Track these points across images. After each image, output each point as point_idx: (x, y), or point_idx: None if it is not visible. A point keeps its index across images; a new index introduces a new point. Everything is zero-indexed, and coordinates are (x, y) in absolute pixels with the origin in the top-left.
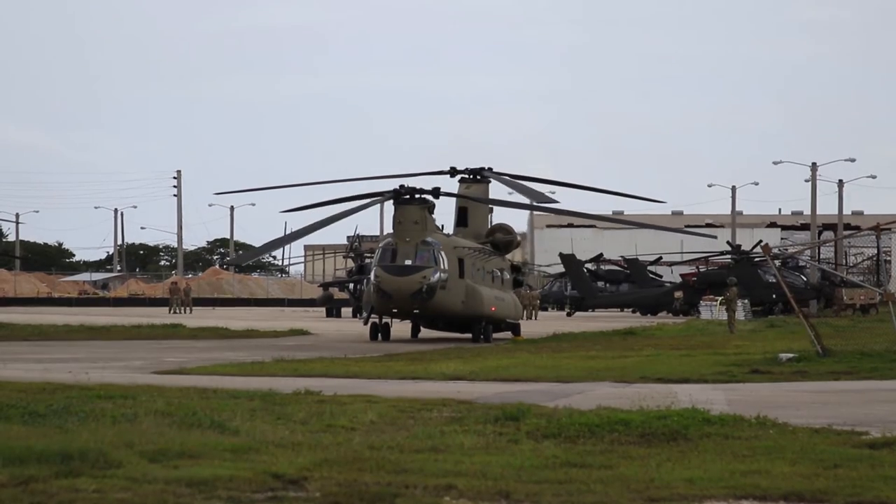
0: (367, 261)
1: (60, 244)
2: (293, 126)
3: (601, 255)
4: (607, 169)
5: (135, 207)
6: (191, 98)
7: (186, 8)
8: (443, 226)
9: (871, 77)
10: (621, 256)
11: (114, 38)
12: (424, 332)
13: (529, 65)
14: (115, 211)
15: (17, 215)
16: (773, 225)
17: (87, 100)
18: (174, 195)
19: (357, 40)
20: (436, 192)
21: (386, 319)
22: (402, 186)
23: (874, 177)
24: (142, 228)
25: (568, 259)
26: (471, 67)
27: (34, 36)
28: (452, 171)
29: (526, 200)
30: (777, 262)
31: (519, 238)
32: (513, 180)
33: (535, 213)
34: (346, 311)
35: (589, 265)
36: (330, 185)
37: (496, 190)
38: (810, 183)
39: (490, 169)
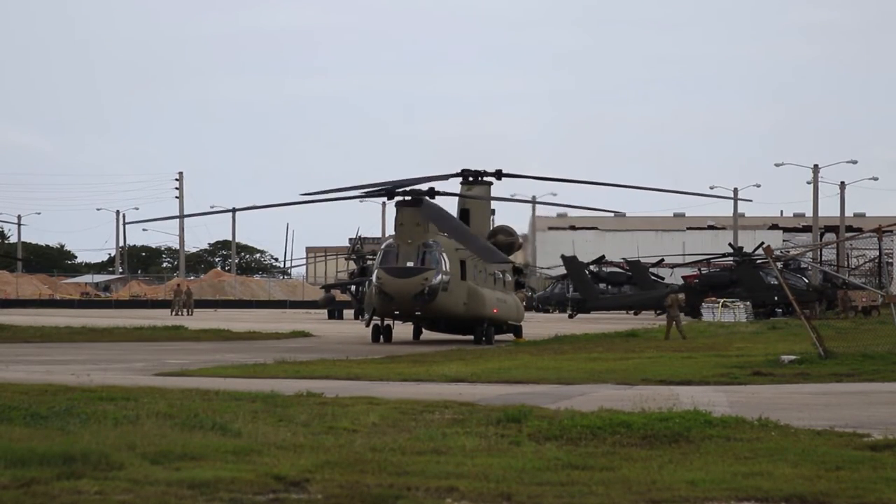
0: (369, 262)
1: (62, 246)
2: (295, 128)
3: (603, 256)
4: (609, 171)
5: (137, 209)
6: (193, 100)
7: (188, 10)
8: None
9: (872, 79)
10: (623, 258)
11: (115, 39)
12: (426, 334)
13: (530, 67)
14: (117, 213)
15: (19, 217)
16: (774, 227)
17: (89, 102)
18: (176, 197)
19: (358, 42)
20: (431, 193)
21: (388, 321)
22: (390, 189)
23: (876, 179)
24: (143, 230)
25: (570, 261)
26: (472, 69)
27: (35, 38)
28: (464, 175)
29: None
30: (779, 264)
31: (521, 240)
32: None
33: (536, 214)
34: (348, 312)
35: (591, 267)
36: (333, 184)
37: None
38: (812, 185)
39: (500, 171)
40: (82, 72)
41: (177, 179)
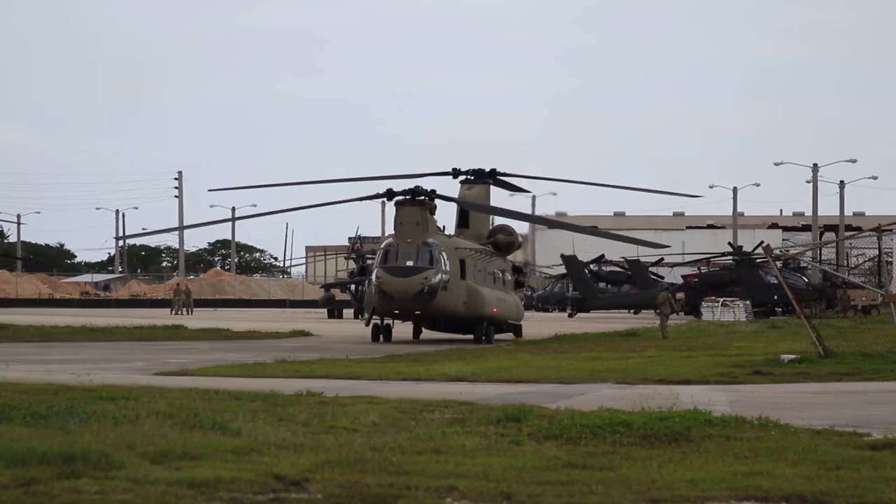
0: (369, 262)
1: (62, 245)
2: (294, 127)
3: (602, 256)
4: (608, 171)
5: (136, 208)
6: (192, 99)
7: (187, 10)
8: (444, 227)
9: (872, 78)
10: (622, 257)
11: (115, 38)
12: (426, 334)
13: (529, 66)
14: (117, 212)
15: (19, 216)
16: (774, 226)
17: (88, 101)
18: (175, 196)
19: (357, 41)
20: (432, 195)
21: (387, 321)
22: (389, 190)
23: (875, 178)
24: (143, 229)
25: (569, 260)
26: (471, 69)
27: (34, 37)
28: (455, 173)
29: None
30: (778, 264)
31: (520, 239)
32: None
33: (536, 214)
34: (348, 312)
35: (591, 266)
36: (332, 185)
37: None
38: (812, 184)
39: (494, 171)
40: (81, 71)
41: (176, 178)
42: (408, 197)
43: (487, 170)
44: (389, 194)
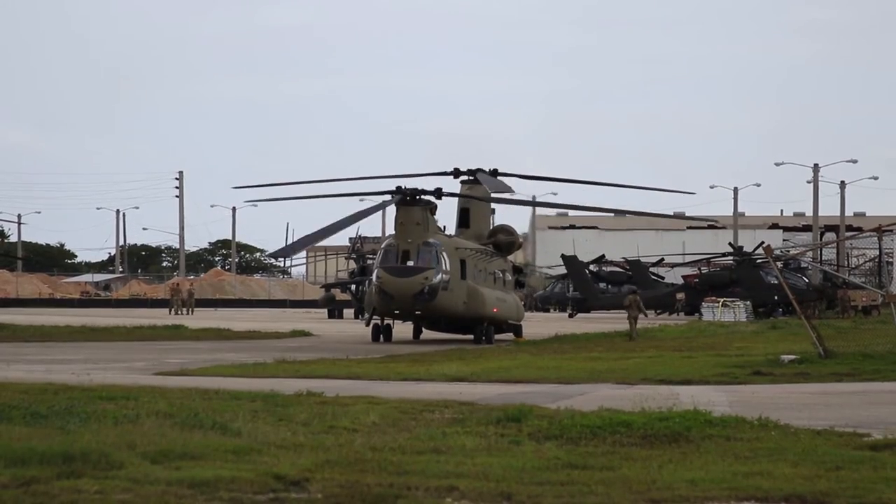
0: (369, 262)
1: (62, 245)
2: (295, 126)
3: (603, 256)
4: (608, 170)
5: (137, 208)
6: (193, 99)
7: (189, 9)
8: (444, 227)
9: (872, 78)
10: (623, 258)
11: (115, 38)
12: (426, 334)
13: (529, 66)
14: (117, 212)
15: (19, 216)
16: (774, 226)
17: (89, 101)
18: (176, 196)
19: (357, 41)
20: (438, 193)
21: (388, 320)
22: (398, 188)
23: (876, 178)
24: (144, 229)
25: (570, 260)
26: (471, 68)
27: (35, 37)
28: (455, 173)
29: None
30: (779, 264)
31: (521, 239)
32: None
33: (537, 213)
34: (348, 312)
35: (591, 266)
36: (335, 184)
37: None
38: (812, 184)
39: (496, 171)
40: (81, 71)
41: (177, 178)
42: (408, 197)
43: (489, 169)
44: (398, 193)
